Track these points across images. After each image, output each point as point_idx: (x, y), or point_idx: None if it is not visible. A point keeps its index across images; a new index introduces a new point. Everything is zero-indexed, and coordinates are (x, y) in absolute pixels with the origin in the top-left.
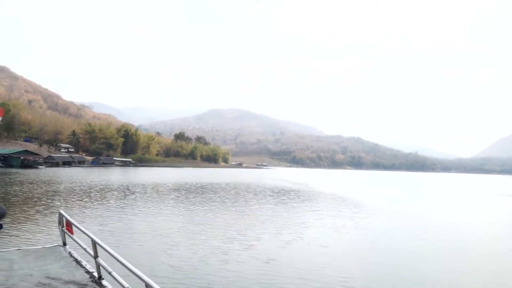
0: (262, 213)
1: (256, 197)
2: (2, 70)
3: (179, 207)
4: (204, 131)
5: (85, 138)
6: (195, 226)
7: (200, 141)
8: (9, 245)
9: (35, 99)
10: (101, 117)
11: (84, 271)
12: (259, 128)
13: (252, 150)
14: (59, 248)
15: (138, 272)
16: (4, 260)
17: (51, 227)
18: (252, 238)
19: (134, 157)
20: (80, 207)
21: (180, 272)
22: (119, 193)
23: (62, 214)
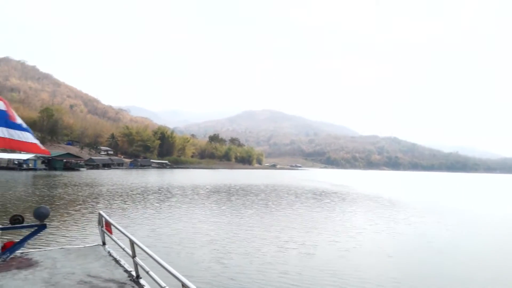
0: (311, 217)
1: (299, 200)
2: (46, 77)
3: (222, 210)
4: (238, 132)
5: (123, 140)
6: (241, 230)
7: (234, 143)
8: (52, 244)
9: (76, 104)
10: (138, 120)
11: (123, 270)
12: (293, 129)
13: (285, 151)
14: (99, 247)
15: (175, 272)
16: (48, 259)
17: (92, 227)
18: (309, 245)
19: (170, 159)
20: (120, 208)
21: (218, 274)
22: (159, 195)
23: (102, 214)
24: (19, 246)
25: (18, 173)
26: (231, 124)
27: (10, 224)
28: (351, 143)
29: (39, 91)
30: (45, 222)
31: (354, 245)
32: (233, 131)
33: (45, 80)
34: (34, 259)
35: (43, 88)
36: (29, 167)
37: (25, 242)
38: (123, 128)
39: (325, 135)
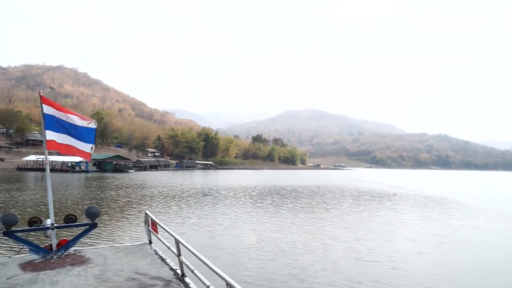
0: (380, 222)
1: (359, 202)
2: (96, 83)
3: (277, 213)
4: (280, 133)
5: (169, 142)
6: (299, 235)
7: (277, 143)
8: (103, 242)
9: (125, 108)
10: (182, 122)
11: (169, 268)
12: (336, 128)
13: (329, 150)
14: (146, 246)
15: (220, 271)
16: (99, 256)
17: (139, 227)
18: (392, 256)
19: (214, 160)
20: (168, 209)
21: (265, 277)
22: (209, 197)
23: (148, 214)
24: (72, 243)
25: (71, 175)
26: (273, 125)
27: (64, 223)
28: (398, 141)
29: (90, 96)
30: (96, 221)
31: (445, 258)
32: (276, 132)
33: (96, 86)
34: (86, 256)
35: (94, 93)
36: (81, 169)
37: (78, 240)
38: (168, 130)
39: (370, 134)
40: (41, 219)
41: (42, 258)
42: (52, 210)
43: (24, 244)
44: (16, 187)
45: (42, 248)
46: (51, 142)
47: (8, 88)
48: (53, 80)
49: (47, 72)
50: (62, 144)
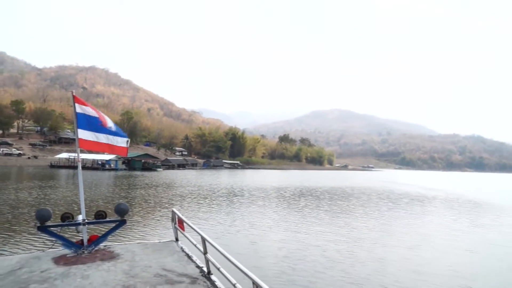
0: (427, 228)
1: (398, 206)
2: (126, 83)
3: (318, 216)
4: (307, 133)
5: (196, 141)
6: (346, 241)
7: (305, 143)
8: (131, 239)
9: (153, 107)
10: (209, 122)
11: (195, 266)
12: (364, 128)
13: (356, 151)
14: (172, 243)
15: (246, 270)
16: (128, 252)
17: (167, 224)
18: (462, 271)
19: (241, 159)
20: (198, 208)
21: (291, 278)
22: (241, 197)
23: (175, 212)
24: (102, 239)
25: (101, 173)
26: (300, 124)
27: (95, 219)
28: (429, 142)
29: (121, 96)
30: (124, 218)
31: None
32: (302, 131)
33: (126, 86)
34: (115, 252)
35: (124, 93)
36: (111, 167)
37: (107, 236)
38: (196, 129)
39: (399, 135)
40: (73, 215)
41: (73, 252)
42: (83, 206)
43: (57, 238)
44: (49, 185)
45: (74, 243)
46: (83, 141)
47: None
48: (86, 80)
49: (80, 73)
50: (94, 142)
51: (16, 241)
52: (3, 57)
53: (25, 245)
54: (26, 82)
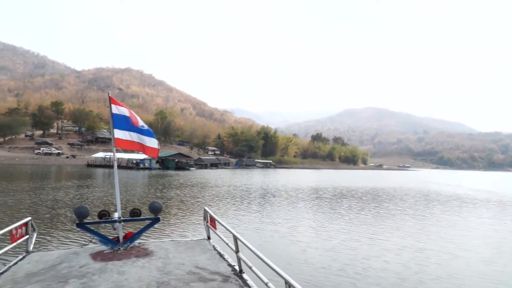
0: (496, 237)
1: (450, 209)
2: (160, 83)
3: (366, 220)
4: (339, 131)
5: (228, 141)
6: (407, 249)
7: (338, 142)
8: (164, 237)
9: (186, 107)
10: (241, 121)
11: (227, 264)
12: (399, 127)
13: (391, 150)
14: (204, 241)
15: (278, 269)
16: (161, 249)
17: (199, 223)
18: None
19: (273, 158)
20: (233, 208)
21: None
22: (279, 197)
23: (207, 210)
24: (137, 236)
25: (136, 172)
26: (332, 123)
27: (130, 217)
28: (468, 141)
29: (155, 96)
30: (158, 216)
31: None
32: (335, 130)
33: (160, 86)
34: (149, 249)
35: (158, 93)
36: (145, 166)
37: (142, 233)
38: (228, 129)
39: (437, 133)
40: (110, 213)
41: (110, 249)
42: (119, 204)
43: (94, 235)
44: (86, 184)
45: (110, 240)
46: (119, 140)
47: (81, 90)
48: (121, 81)
49: (116, 74)
50: (130, 141)
51: (57, 237)
52: (45, 60)
53: (64, 241)
54: (66, 84)
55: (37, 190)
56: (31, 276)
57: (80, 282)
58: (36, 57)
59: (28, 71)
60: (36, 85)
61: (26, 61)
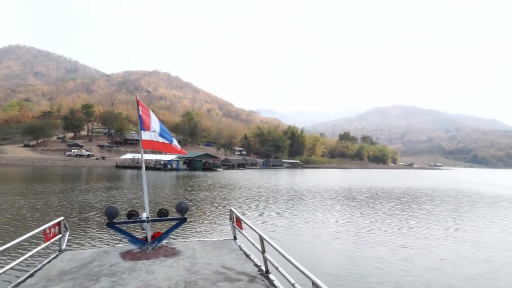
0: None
1: (500, 211)
2: (187, 85)
3: (409, 224)
4: (367, 130)
5: (255, 141)
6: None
7: (366, 141)
8: (191, 236)
9: (213, 108)
10: (268, 121)
11: (253, 264)
12: (429, 124)
13: (421, 149)
14: (231, 242)
15: (305, 270)
16: (189, 249)
17: (225, 223)
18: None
19: (300, 158)
20: (269, 210)
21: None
22: (313, 199)
23: (233, 211)
24: (165, 236)
25: (163, 173)
26: (360, 122)
27: (157, 217)
28: (504, 138)
29: (182, 98)
30: (185, 216)
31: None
32: (363, 129)
33: (186, 88)
34: (177, 249)
35: (185, 95)
36: (172, 167)
37: (169, 233)
38: (255, 129)
39: (470, 130)
40: (138, 213)
41: (138, 248)
42: (147, 204)
43: (124, 235)
44: (115, 186)
45: (139, 239)
46: (146, 142)
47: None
48: (149, 84)
49: (144, 77)
50: (157, 142)
51: (88, 236)
52: (76, 65)
53: (95, 240)
54: (96, 87)
55: (68, 192)
56: (64, 274)
57: (110, 280)
58: (69, 62)
59: (61, 75)
60: (68, 89)
61: (59, 66)
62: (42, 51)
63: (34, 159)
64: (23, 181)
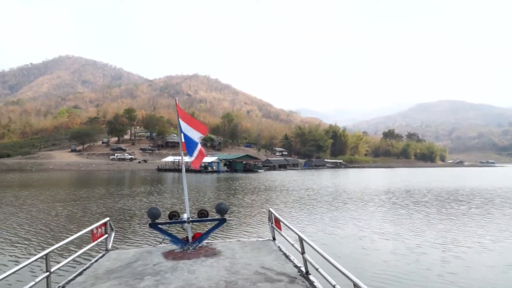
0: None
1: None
2: (226, 87)
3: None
4: (412, 127)
5: (296, 141)
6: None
7: (412, 138)
8: (231, 237)
9: (252, 109)
10: (308, 121)
11: (292, 265)
12: (479, 120)
13: (471, 145)
14: (270, 242)
15: (346, 271)
16: (228, 249)
17: (263, 224)
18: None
19: (343, 158)
20: (312, 212)
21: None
22: (372, 203)
23: (271, 211)
24: (205, 236)
25: (204, 175)
26: (404, 119)
27: (198, 218)
28: None
29: (221, 100)
30: (225, 217)
31: None
32: (407, 126)
33: (226, 90)
34: (217, 249)
35: (225, 97)
36: (213, 169)
37: (210, 233)
38: (295, 129)
39: None
40: (179, 213)
41: (180, 248)
42: (188, 205)
43: (166, 235)
44: (156, 190)
45: (180, 240)
46: (184, 143)
47: (153, 97)
48: (190, 87)
49: (185, 81)
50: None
51: (131, 236)
52: (121, 72)
53: (139, 240)
54: (140, 93)
55: (112, 196)
56: (111, 272)
57: (154, 279)
58: (114, 70)
59: (107, 82)
60: (113, 95)
61: (105, 74)
62: (90, 60)
63: (80, 164)
64: (70, 186)
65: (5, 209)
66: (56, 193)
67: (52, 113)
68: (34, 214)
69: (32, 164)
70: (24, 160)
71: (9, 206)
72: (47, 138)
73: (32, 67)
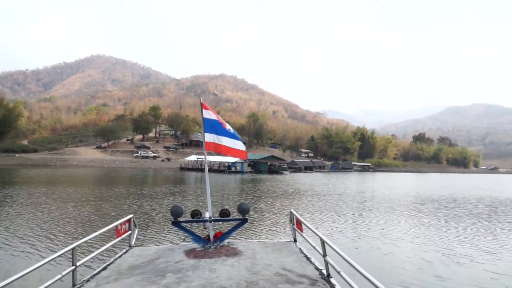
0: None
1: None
2: (252, 87)
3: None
4: (443, 131)
5: (322, 142)
6: None
7: (444, 142)
8: (252, 237)
9: (278, 110)
10: (335, 123)
11: (314, 267)
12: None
13: (506, 151)
14: (291, 244)
15: (368, 275)
16: (249, 250)
17: (285, 225)
18: None
19: (371, 161)
20: (356, 223)
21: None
22: (410, 210)
23: (293, 213)
24: (226, 236)
25: (227, 175)
26: (434, 123)
27: (219, 217)
28: None
29: (247, 100)
30: (246, 217)
31: None
32: (438, 130)
33: (252, 90)
34: (238, 249)
35: (251, 97)
36: (236, 169)
37: (231, 233)
38: (322, 130)
39: None
40: (201, 212)
41: (201, 247)
42: (210, 205)
43: (188, 233)
44: (179, 190)
45: (202, 238)
46: (210, 144)
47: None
48: (216, 87)
49: (211, 81)
50: (216, 144)
51: (154, 234)
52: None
53: (161, 237)
54: (167, 92)
55: (135, 195)
56: (134, 268)
57: (176, 276)
58: (142, 69)
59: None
60: (141, 93)
61: (134, 73)
62: (119, 60)
63: (103, 161)
64: (92, 184)
65: (27, 208)
66: (78, 192)
67: (82, 110)
68: (57, 212)
69: (57, 160)
70: (49, 155)
71: (33, 204)
72: (75, 135)
73: (65, 65)
